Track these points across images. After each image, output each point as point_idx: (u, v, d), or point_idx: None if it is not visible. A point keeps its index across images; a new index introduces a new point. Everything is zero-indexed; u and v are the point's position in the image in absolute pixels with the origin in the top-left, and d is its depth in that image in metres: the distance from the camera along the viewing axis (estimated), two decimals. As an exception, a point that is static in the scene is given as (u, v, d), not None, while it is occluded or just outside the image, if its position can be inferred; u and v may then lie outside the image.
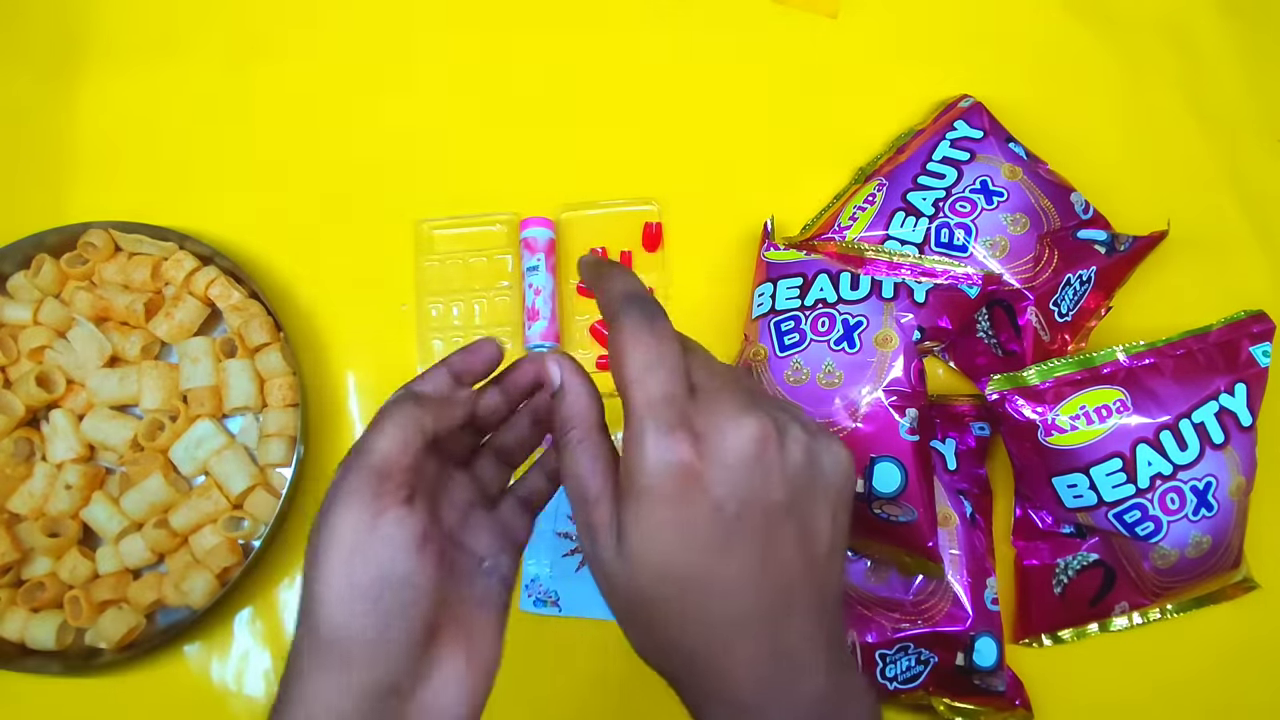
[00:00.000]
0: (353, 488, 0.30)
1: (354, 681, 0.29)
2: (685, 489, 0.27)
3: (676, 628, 0.29)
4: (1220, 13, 0.67)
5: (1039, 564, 0.55)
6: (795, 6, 0.66)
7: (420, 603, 0.29)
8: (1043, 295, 0.55)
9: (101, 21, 0.64)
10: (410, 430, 0.31)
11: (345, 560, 0.28)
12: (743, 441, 0.28)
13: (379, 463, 0.30)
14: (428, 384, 0.34)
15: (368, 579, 0.28)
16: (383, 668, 0.29)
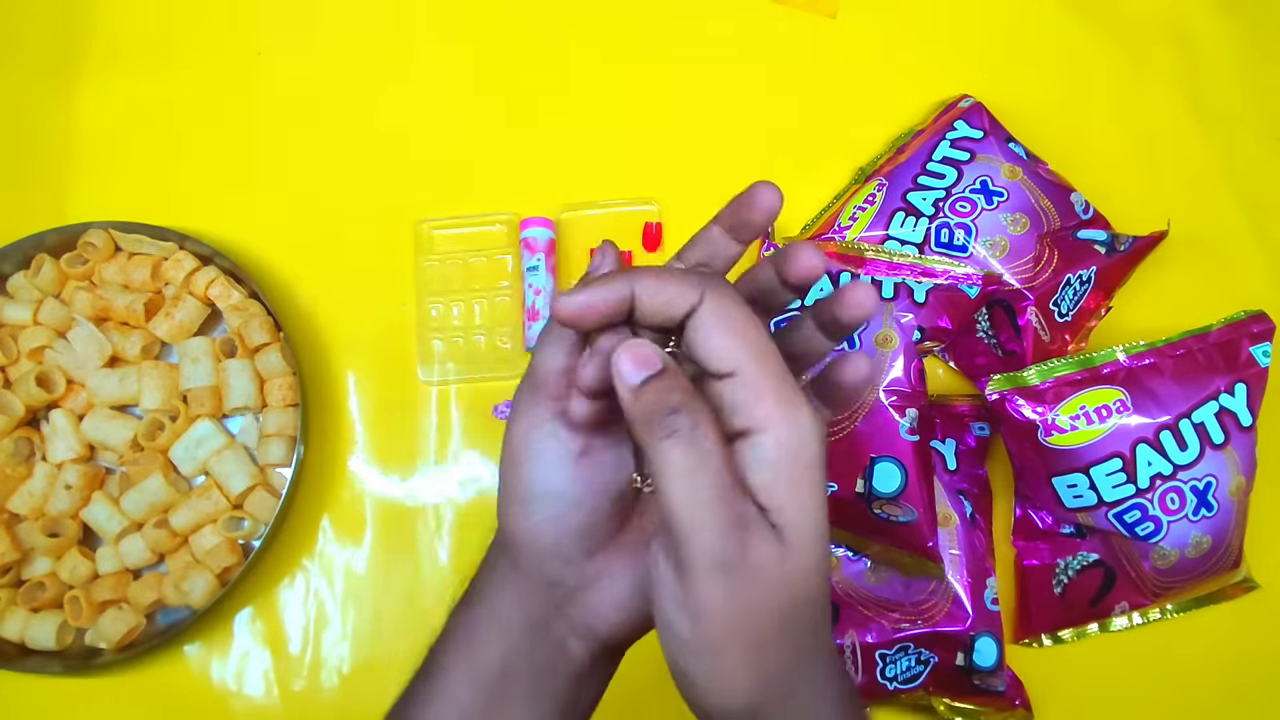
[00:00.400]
0: (517, 404, 0.31)
1: (520, 579, 0.31)
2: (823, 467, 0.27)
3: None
4: (1220, 12, 0.67)
5: (1039, 564, 0.55)
6: (795, 6, 0.66)
7: (571, 516, 0.30)
8: (1043, 295, 0.55)
9: (101, 21, 0.64)
10: (566, 338, 0.31)
11: (509, 471, 0.31)
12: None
13: (535, 376, 0.31)
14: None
15: (522, 490, 0.30)
16: (539, 570, 0.31)
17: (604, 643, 0.31)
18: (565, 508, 0.30)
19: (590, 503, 0.30)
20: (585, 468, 0.30)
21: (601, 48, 0.65)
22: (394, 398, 0.59)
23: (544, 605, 0.31)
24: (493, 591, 0.32)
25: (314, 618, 0.55)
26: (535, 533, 0.30)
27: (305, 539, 0.56)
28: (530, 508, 0.30)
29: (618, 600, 0.31)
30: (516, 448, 0.31)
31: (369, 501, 0.57)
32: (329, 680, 0.54)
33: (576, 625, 0.31)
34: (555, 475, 0.30)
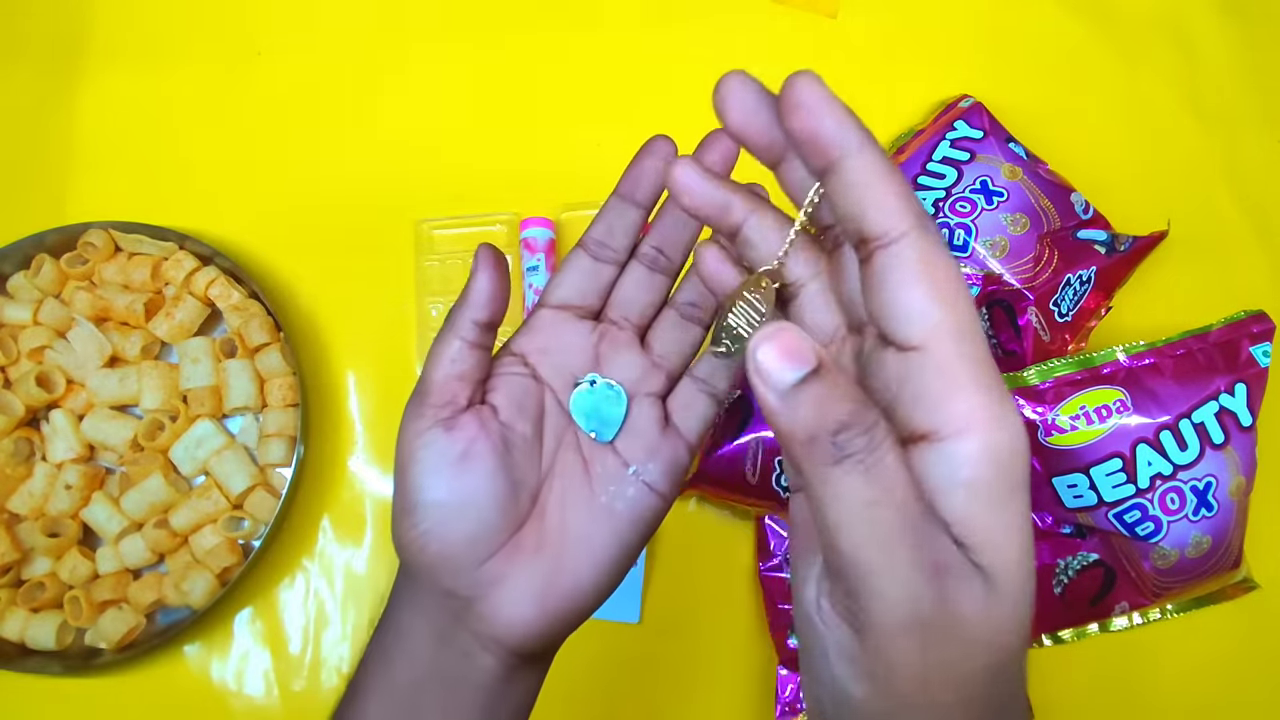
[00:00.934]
0: (404, 413, 0.31)
1: (418, 593, 0.31)
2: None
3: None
4: (1220, 12, 0.67)
5: (1039, 564, 0.55)
6: (795, 6, 0.66)
7: (455, 524, 0.30)
8: (1043, 295, 0.55)
9: (101, 21, 0.64)
10: (447, 343, 0.31)
11: (396, 483, 0.31)
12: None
13: (421, 383, 0.31)
14: (475, 280, 0.32)
15: (406, 500, 0.30)
16: (432, 582, 0.30)
17: (513, 651, 0.31)
18: (449, 514, 0.30)
19: (475, 510, 0.30)
20: (467, 474, 0.30)
21: (602, 47, 0.65)
22: (394, 398, 0.59)
23: (444, 617, 0.31)
24: (398, 608, 0.32)
25: (314, 618, 0.55)
26: (420, 544, 0.30)
27: (305, 539, 0.56)
28: (413, 518, 0.30)
29: (517, 608, 0.30)
30: (399, 457, 0.31)
31: (369, 501, 0.57)
32: (329, 680, 0.54)
33: (480, 635, 0.30)
34: (435, 484, 0.30)
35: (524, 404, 0.32)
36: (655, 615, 0.56)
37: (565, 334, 0.34)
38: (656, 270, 0.34)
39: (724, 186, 0.28)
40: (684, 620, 0.56)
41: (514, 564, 0.30)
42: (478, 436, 0.31)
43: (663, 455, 0.33)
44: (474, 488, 0.30)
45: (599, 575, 0.32)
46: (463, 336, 0.31)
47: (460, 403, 0.31)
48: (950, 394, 0.20)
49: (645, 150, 0.34)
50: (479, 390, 0.32)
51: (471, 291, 0.32)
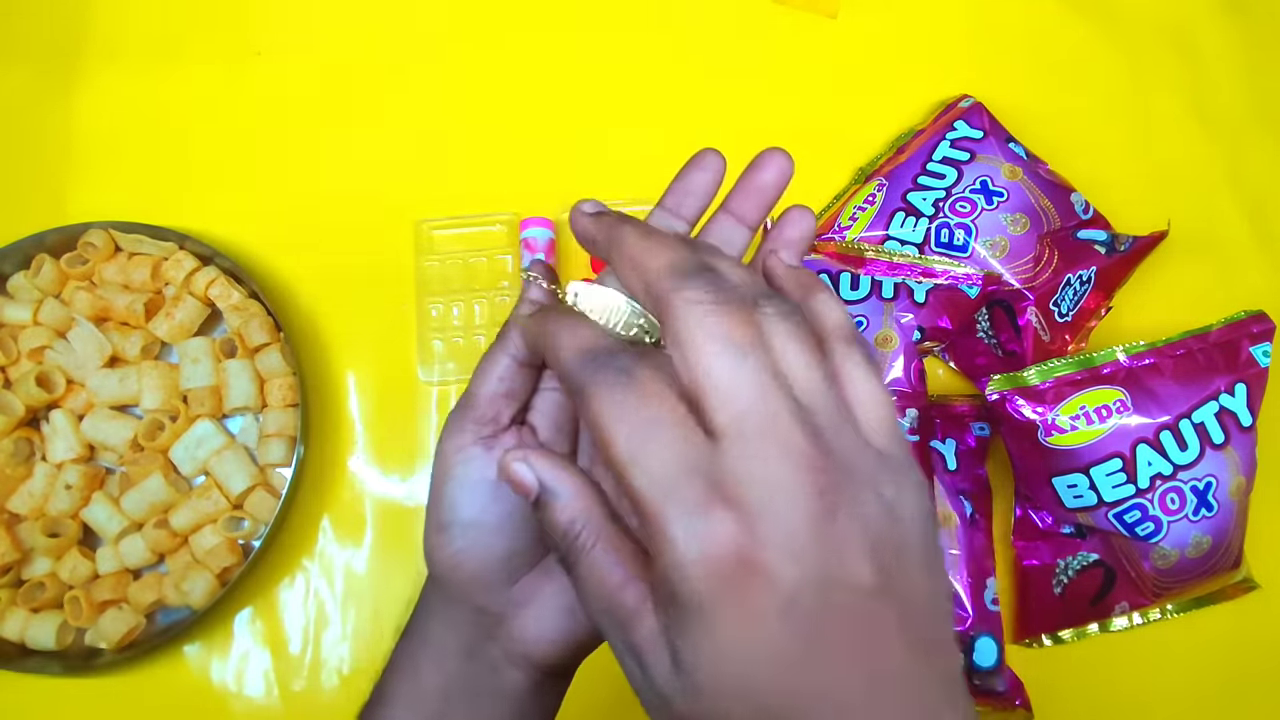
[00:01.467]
0: (446, 426, 0.31)
1: (449, 607, 0.31)
2: (743, 584, 0.20)
3: None
4: (1221, 12, 0.67)
5: (1039, 564, 0.55)
6: (795, 6, 0.66)
7: (490, 543, 0.30)
8: (1043, 295, 0.55)
9: (101, 21, 0.64)
10: (495, 359, 0.31)
11: (431, 497, 0.30)
12: (799, 504, 0.21)
13: (466, 397, 0.31)
14: (531, 292, 0.32)
15: (441, 517, 0.30)
16: (465, 598, 0.30)
17: (540, 668, 0.31)
18: (484, 534, 0.30)
19: (511, 528, 0.30)
20: (503, 495, 0.30)
21: (602, 47, 0.65)
22: (394, 398, 0.59)
23: (475, 632, 0.31)
24: (427, 619, 0.32)
25: (314, 618, 0.55)
26: (455, 561, 0.30)
27: (305, 539, 0.56)
28: (448, 535, 0.30)
29: (548, 625, 0.30)
30: (437, 472, 0.30)
31: (369, 501, 0.57)
32: (329, 680, 0.54)
33: (510, 651, 0.30)
34: (472, 501, 0.30)
35: (561, 421, 0.32)
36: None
37: None
38: None
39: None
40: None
41: (545, 583, 0.30)
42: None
43: None
44: (510, 509, 0.30)
45: None
46: (513, 355, 0.31)
47: (503, 421, 0.31)
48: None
49: (694, 163, 0.32)
50: (522, 409, 0.32)
51: (524, 307, 0.32)
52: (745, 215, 0.32)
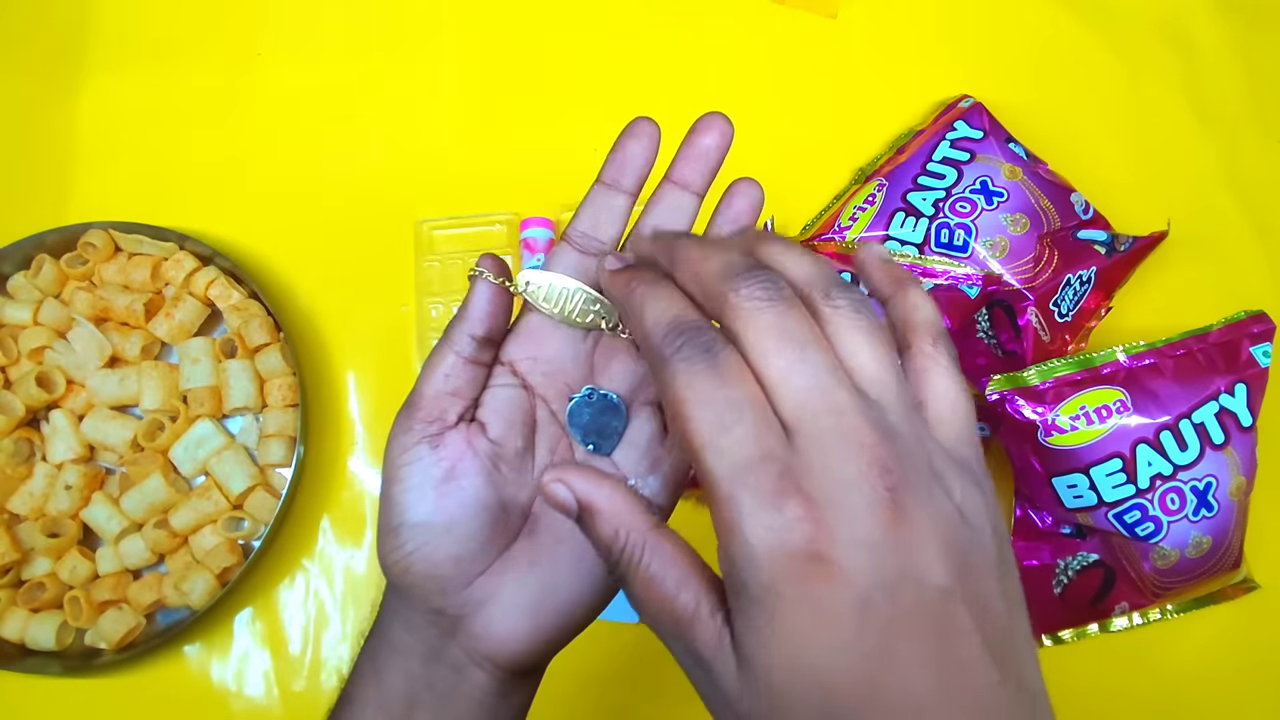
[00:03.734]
0: (393, 426, 0.30)
1: (407, 610, 0.30)
2: (816, 580, 0.20)
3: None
4: (1220, 12, 0.67)
5: (1039, 564, 0.55)
6: (795, 6, 0.66)
7: (441, 544, 0.29)
8: (1043, 295, 0.55)
9: (101, 21, 0.64)
10: (441, 357, 0.30)
11: (381, 499, 0.30)
12: (868, 501, 0.21)
13: (412, 395, 0.30)
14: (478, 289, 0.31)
15: (391, 519, 0.29)
16: (421, 601, 0.30)
17: (505, 668, 0.30)
18: (434, 536, 0.29)
19: (462, 529, 0.29)
20: (452, 495, 0.29)
21: (601, 47, 0.65)
22: (394, 398, 0.58)
23: (435, 634, 0.30)
24: (389, 623, 0.31)
25: (314, 618, 0.55)
26: (407, 564, 0.29)
27: (305, 539, 0.56)
28: (398, 538, 0.29)
29: (510, 624, 0.29)
30: (385, 474, 0.30)
31: (369, 501, 0.57)
32: (329, 680, 0.54)
33: (472, 652, 0.30)
34: (420, 503, 0.29)
35: (514, 418, 0.31)
36: (655, 615, 0.56)
37: (556, 339, 0.32)
38: None
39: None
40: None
41: (505, 582, 0.30)
42: (464, 455, 0.30)
43: (663, 466, 0.32)
44: (459, 508, 0.29)
45: (593, 591, 0.30)
46: (458, 351, 0.30)
47: (449, 419, 0.30)
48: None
49: (628, 133, 0.32)
50: (471, 406, 0.31)
51: (469, 304, 0.31)
52: (690, 182, 0.32)
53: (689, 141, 0.31)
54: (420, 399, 0.30)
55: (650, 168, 0.32)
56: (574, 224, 0.32)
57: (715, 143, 0.31)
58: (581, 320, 0.32)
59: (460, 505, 0.29)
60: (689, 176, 0.32)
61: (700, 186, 0.32)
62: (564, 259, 0.32)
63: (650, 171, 0.32)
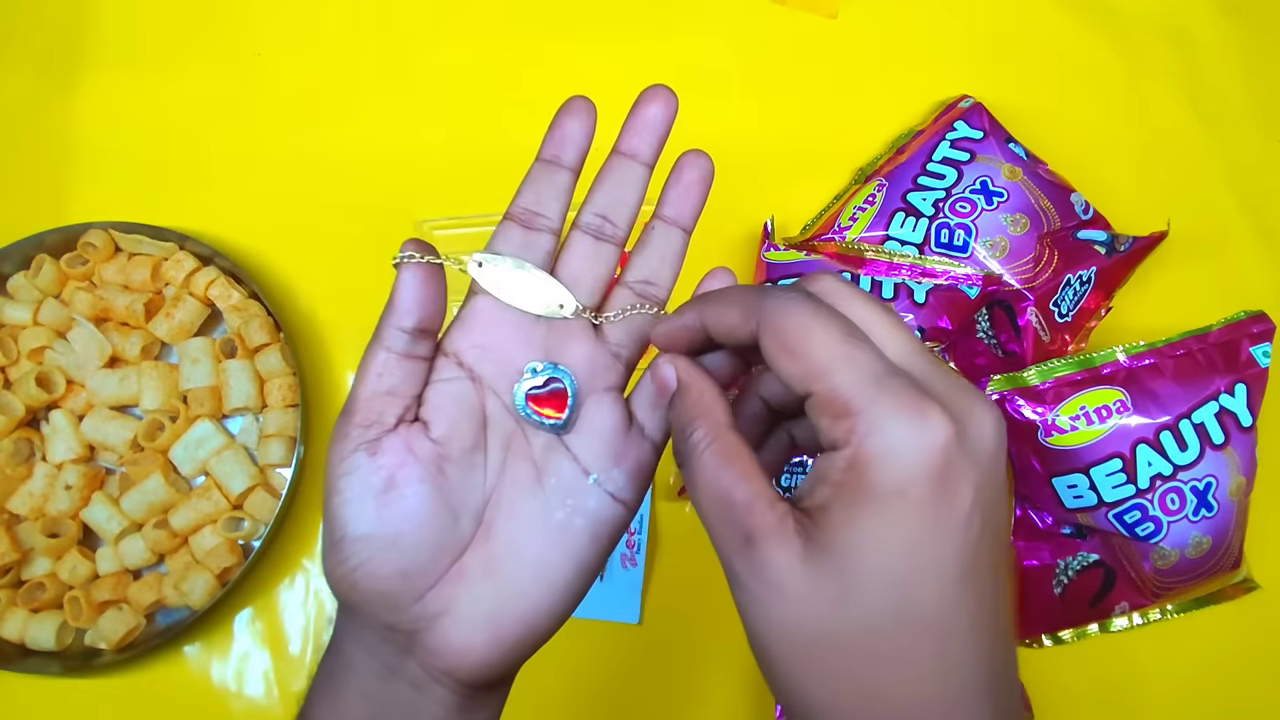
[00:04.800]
0: (330, 440, 0.28)
1: (359, 627, 0.29)
2: (944, 490, 0.22)
3: (901, 681, 0.22)
4: (1220, 12, 0.67)
5: (1039, 564, 0.55)
6: (795, 6, 0.66)
7: (386, 559, 0.27)
8: (1043, 295, 0.55)
9: (101, 22, 0.64)
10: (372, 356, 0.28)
11: (324, 518, 0.28)
12: (993, 430, 0.23)
13: (348, 401, 0.28)
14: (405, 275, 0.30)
15: (333, 534, 0.27)
16: (370, 618, 0.28)
17: (466, 682, 0.28)
18: (378, 550, 0.27)
19: (407, 540, 0.27)
20: (393, 505, 0.27)
21: (602, 48, 0.65)
22: (394, 398, 0.58)
23: (389, 651, 0.28)
24: (343, 640, 0.29)
25: (314, 618, 0.55)
26: (351, 580, 0.27)
27: (305, 539, 0.56)
28: (341, 554, 0.27)
29: (468, 637, 0.28)
30: (325, 486, 0.28)
31: (369, 502, 0.57)
32: (329, 680, 0.54)
33: (430, 668, 0.28)
34: (361, 516, 0.27)
35: (460, 414, 0.29)
36: (655, 615, 0.56)
37: (506, 325, 0.30)
38: (603, 239, 0.32)
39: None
40: (684, 620, 0.56)
41: (459, 593, 0.28)
42: (405, 461, 0.28)
43: (628, 460, 0.30)
44: (403, 519, 0.27)
45: (556, 599, 0.29)
46: (388, 347, 0.28)
47: (387, 422, 0.28)
48: (834, 424, 0.23)
49: (564, 110, 0.32)
50: (412, 406, 0.29)
51: (395, 295, 0.29)
52: (639, 151, 0.32)
53: (634, 113, 0.32)
54: (355, 403, 0.28)
55: (589, 143, 0.32)
56: (516, 201, 0.31)
57: (661, 112, 0.32)
58: (536, 303, 0.30)
59: (404, 516, 0.27)
60: (637, 146, 0.32)
61: (648, 156, 0.32)
62: (509, 237, 0.31)
63: (589, 147, 0.32)
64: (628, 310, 0.31)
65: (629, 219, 0.32)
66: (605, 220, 0.32)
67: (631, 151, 0.32)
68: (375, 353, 0.28)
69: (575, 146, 0.31)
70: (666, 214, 0.32)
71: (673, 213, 0.32)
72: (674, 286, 0.33)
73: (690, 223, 0.33)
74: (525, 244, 0.31)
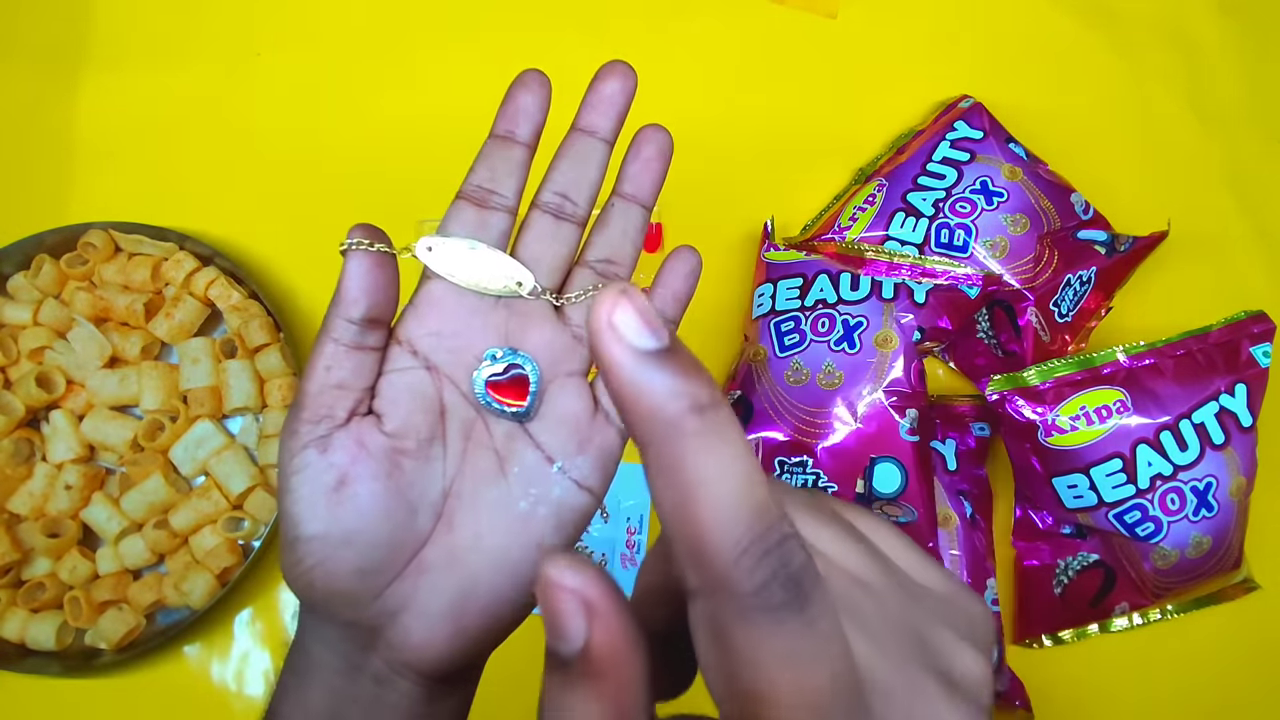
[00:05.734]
0: (281, 434, 0.27)
1: (320, 624, 0.28)
2: None
3: None
4: (1220, 13, 0.67)
5: (1039, 564, 0.55)
6: (795, 6, 0.66)
7: (341, 557, 0.26)
8: (1043, 296, 0.55)
9: (101, 21, 0.64)
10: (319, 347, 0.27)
11: (279, 517, 0.27)
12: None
13: (297, 394, 0.27)
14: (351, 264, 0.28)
15: (287, 533, 0.27)
16: (330, 615, 0.27)
17: (430, 676, 0.28)
18: (333, 549, 0.26)
19: (362, 539, 0.26)
20: (346, 503, 0.26)
21: (601, 48, 0.64)
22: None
23: (351, 648, 0.28)
24: (306, 637, 0.29)
25: (314, 618, 0.55)
26: (308, 579, 0.26)
27: (305, 539, 0.56)
28: (295, 554, 0.26)
29: (429, 631, 0.27)
30: (278, 483, 0.27)
31: (369, 502, 0.57)
32: (329, 680, 0.54)
33: (393, 663, 0.27)
34: (313, 515, 0.26)
35: (415, 406, 0.28)
36: (655, 615, 0.56)
37: (462, 310, 0.29)
38: (564, 218, 0.30)
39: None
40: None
41: (420, 587, 0.27)
42: (357, 458, 0.27)
43: (593, 446, 0.29)
44: (357, 517, 0.26)
45: (520, 590, 0.28)
46: (336, 339, 0.27)
47: (338, 416, 0.27)
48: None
49: (517, 83, 0.30)
50: (364, 398, 0.28)
51: (341, 283, 0.28)
52: (598, 127, 0.31)
53: (592, 89, 0.31)
54: (303, 398, 0.27)
55: (544, 118, 0.31)
56: (469, 179, 0.30)
57: (619, 88, 0.31)
58: (493, 283, 0.29)
59: (358, 514, 0.26)
60: (595, 122, 0.31)
61: (607, 132, 0.31)
62: (462, 217, 0.30)
63: (544, 122, 0.31)
64: (590, 291, 0.30)
65: (590, 197, 0.31)
66: (565, 199, 0.31)
67: (591, 128, 0.31)
68: (322, 344, 0.27)
69: (529, 121, 0.31)
70: (626, 190, 0.32)
71: (632, 189, 0.32)
72: (636, 265, 0.32)
73: (650, 199, 0.32)
74: (479, 223, 0.30)
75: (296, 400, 0.27)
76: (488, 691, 0.31)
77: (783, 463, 0.51)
